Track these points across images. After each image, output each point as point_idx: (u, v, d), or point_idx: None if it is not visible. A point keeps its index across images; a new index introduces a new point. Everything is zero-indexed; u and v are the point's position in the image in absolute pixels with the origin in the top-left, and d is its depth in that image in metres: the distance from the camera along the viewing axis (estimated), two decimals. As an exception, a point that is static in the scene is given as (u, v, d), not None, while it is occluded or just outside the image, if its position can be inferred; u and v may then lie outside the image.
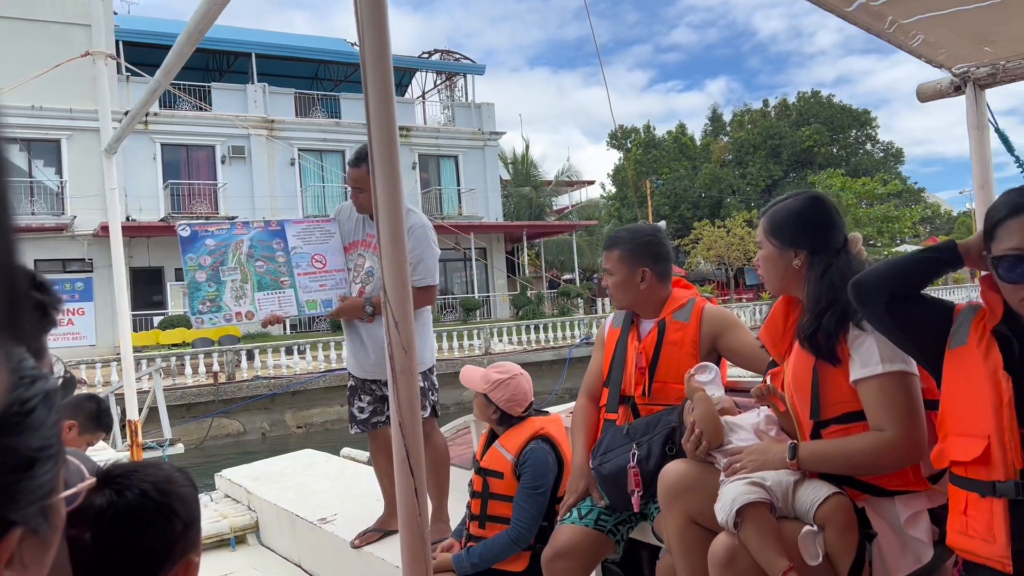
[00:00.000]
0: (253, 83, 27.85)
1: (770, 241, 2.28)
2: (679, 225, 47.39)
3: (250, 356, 18.45)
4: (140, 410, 12.41)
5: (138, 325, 23.33)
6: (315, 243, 3.63)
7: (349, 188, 3.68)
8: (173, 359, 18.00)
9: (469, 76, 34.29)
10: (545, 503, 2.96)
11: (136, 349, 20.60)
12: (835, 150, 51.01)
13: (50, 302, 1.37)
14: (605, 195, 53.59)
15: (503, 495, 3.02)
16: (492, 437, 3.18)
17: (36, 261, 22.60)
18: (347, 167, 3.60)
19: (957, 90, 2.75)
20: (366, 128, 1.57)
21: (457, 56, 35.73)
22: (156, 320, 23.27)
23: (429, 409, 3.60)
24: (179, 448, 10.03)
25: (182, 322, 21.78)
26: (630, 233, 2.86)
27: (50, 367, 1.65)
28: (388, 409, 2.28)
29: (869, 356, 2.06)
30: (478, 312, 28.98)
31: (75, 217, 23.48)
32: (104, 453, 5.77)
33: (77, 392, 5.15)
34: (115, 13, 25.52)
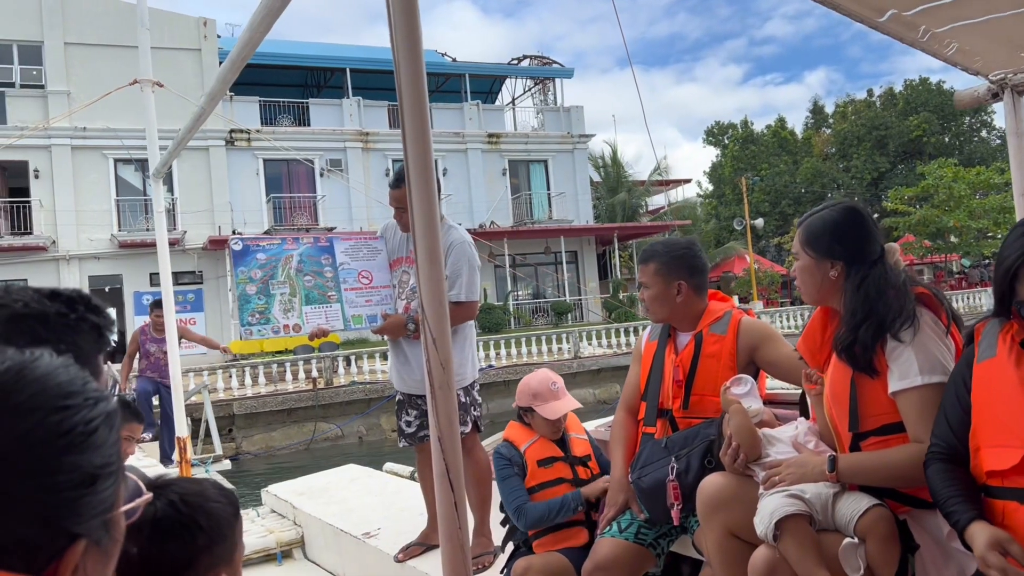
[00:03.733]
0: (348, 97, 28.71)
1: (806, 252, 2.26)
2: (780, 222, 46.04)
3: (347, 362, 18.98)
4: (199, 422, 13.12)
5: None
6: (362, 259, 3.71)
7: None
8: (275, 366, 18.76)
9: (558, 80, 34.37)
10: None
11: (243, 356, 21.62)
12: (947, 139, 48.44)
13: (104, 324, 1.49)
14: (701, 193, 52.55)
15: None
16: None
17: (151, 275, 23.95)
18: (389, 188, 3.69)
19: (995, 97, 2.66)
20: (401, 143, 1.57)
21: (546, 60, 35.82)
22: (262, 328, 24.20)
23: (471, 424, 3.61)
24: (225, 464, 10.72)
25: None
26: (665, 246, 2.86)
27: (106, 385, 1.80)
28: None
29: (908, 368, 2.03)
30: (569, 315, 28.95)
31: (185, 232, 24.80)
32: (156, 469, 5.95)
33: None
34: (219, 36, 26.77)
